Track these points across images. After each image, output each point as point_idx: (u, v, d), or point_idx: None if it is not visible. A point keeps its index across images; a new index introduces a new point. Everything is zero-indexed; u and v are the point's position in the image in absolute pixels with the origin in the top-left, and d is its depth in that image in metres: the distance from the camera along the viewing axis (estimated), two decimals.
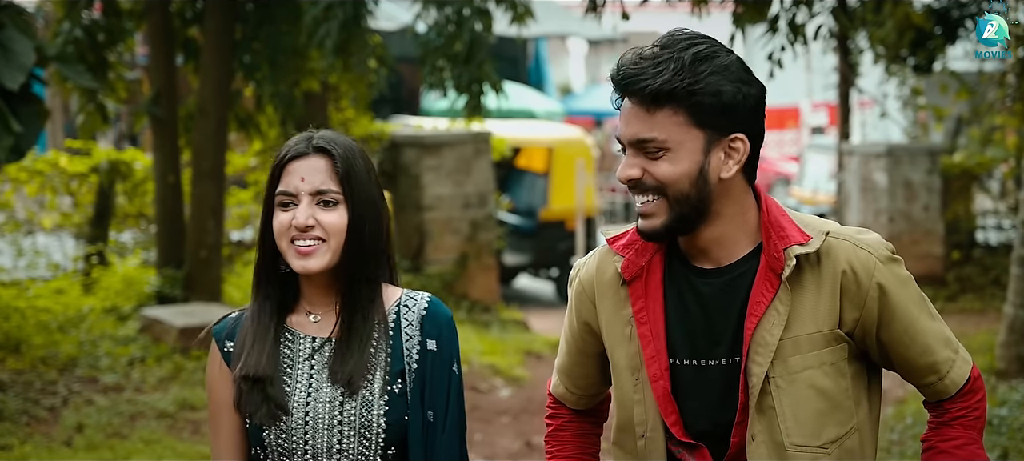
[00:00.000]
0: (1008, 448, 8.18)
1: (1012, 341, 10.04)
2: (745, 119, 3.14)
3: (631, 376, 3.29)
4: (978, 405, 3.28)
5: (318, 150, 3.32)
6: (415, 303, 3.39)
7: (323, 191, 3.29)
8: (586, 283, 3.40)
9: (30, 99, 9.28)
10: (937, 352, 3.23)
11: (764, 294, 3.15)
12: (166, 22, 12.17)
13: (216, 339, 3.43)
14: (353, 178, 3.31)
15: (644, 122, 3.10)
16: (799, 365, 3.15)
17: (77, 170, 14.07)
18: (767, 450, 3.16)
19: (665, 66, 3.07)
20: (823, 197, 20.87)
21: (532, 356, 13.08)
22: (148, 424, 9.44)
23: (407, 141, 15.28)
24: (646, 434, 3.28)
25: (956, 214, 16.05)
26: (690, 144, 3.10)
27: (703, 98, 3.07)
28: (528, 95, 27.06)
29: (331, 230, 3.28)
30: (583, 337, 3.46)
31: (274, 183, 3.34)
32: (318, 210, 3.29)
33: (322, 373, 3.33)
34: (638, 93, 3.09)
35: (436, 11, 12.11)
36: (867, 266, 3.17)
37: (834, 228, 3.23)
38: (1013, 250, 10.13)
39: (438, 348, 3.36)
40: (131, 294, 12.19)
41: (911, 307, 3.21)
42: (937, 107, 17.73)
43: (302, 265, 3.29)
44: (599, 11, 11.38)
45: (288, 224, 3.29)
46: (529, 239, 17.90)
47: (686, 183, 3.10)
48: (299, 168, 3.31)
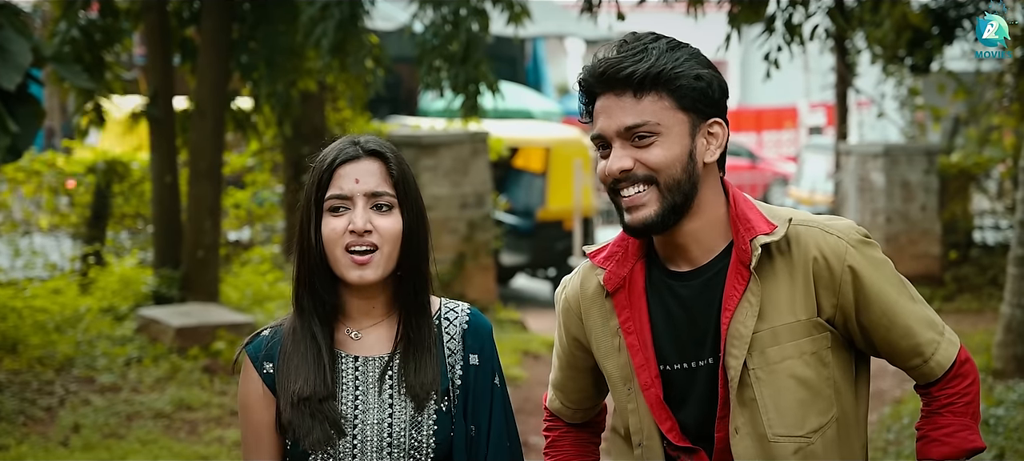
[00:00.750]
0: (1005, 448, 8.18)
1: (1009, 341, 10.04)
2: (720, 103, 3.18)
3: (623, 386, 3.30)
4: (968, 390, 3.24)
5: (370, 153, 3.19)
6: (456, 316, 3.30)
7: (379, 194, 3.15)
8: (572, 300, 3.40)
9: (27, 99, 9.27)
10: (919, 334, 3.21)
11: (736, 287, 3.16)
12: (163, 22, 12.16)
13: (252, 360, 3.24)
14: (408, 181, 3.21)
15: (631, 109, 3.11)
16: (777, 356, 3.15)
17: (74, 170, 14.07)
18: (751, 442, 3.16)
19: (646, 52, 3.10)
20: (821, 197, 20.88)
21: (529, 356, 13.07)
22: (145, 424, 9.44)
23: (404, 141, 15.27)
24: (643, 442, 3.28)
25: (953, 214, 16.07)
26: (678, 128, 3.12)
27: (686, 81, 3.10)
28: (525, 95, 27.07)
29: (387, 235, 3.14)
30: (573, 353, 3.46)
31: (322, 188, 3.16)
32: (373, 214, 3.14)
33: (368, 393, 3.20)
34: (623, 80, 3.11)
35: (433, 11, 12.11)
36: (837, 251, 3.16)
37: (800, 216, 3.23)
38: (1010, 250, 10.13)
39: (480, 362, 3.28)
40: (128, 294, 12.19)
41: (888, 289, 3.20)
42: (934, 107, 17.74)
43: (359, 275, 3.14)
44: (595, 11, 11.38)
45: (343, 229, 3.13)
46: (526, 239, 17.90)
47: (678, 168, 3.11)
48: (352, 171, 3.16)
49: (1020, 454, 8.12)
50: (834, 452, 3.20)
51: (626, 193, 3.15)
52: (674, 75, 3.09)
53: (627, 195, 3.14)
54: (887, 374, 10.60)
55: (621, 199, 3.16)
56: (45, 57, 9.87)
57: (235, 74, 12.53)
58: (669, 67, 3.09)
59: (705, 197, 3.17)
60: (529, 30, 14.09)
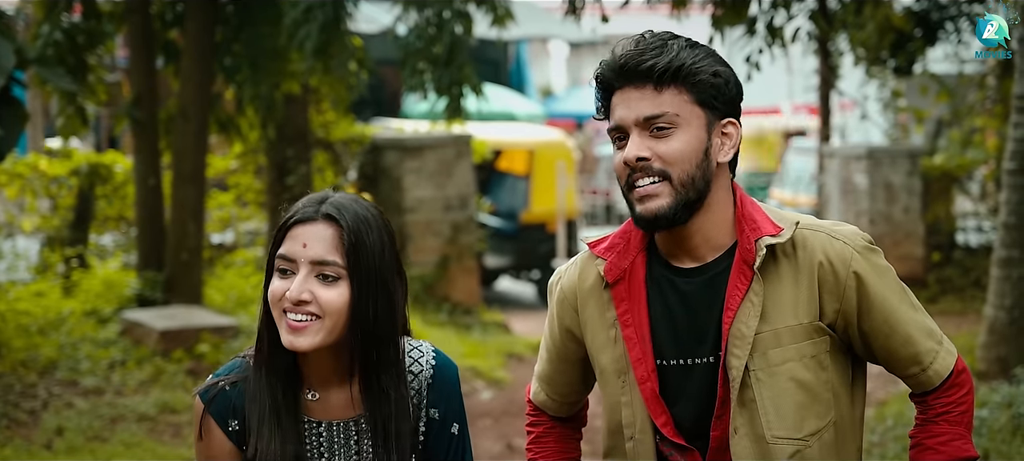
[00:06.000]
0: (989, 449, 8.19)
1: (992, 342, 10.06)
2: (734, 103, 3.19)
3: (618, 379, 3.29)
4: (964, 399, 3.26)
5: (326, 217, 3.04)
6: (420, 369, 3.20)
7: (324, 262, 3.01)
8: (568, 290, 3.39)
9: (10, 102, 9.25)
10: (919, 342, 3.23)
11: (739, 287, 3.16)
12: (146, 24, 12.14)
13: (215, 418, 3.12)
14: (361, 252, 3.02)
15: (652, 100, 3.11)
16: (779, 358, 3.16)
17: (57, 173, 14.04)
18: (749, 443, 3.16)
19: (666, 47, 3.12)
20: (804, 199, 20.91)
21: (513, 358, 13.08)
22: (129, 427, 9.42)
23: (388, 143, 15.28)
24: (635, 436, 3.27)
25: (936, 216, 16.10)
26: (696, 122, 3.13)
27: (705, 77, 3.12)
28: (509, 97, 27.08)
29: (328, 308, 3.00)
30: (565, 344, 3.45)
31: (276, 245, 3.06)
32: (316, 284, 3.01)
33: (326, 457, 3.14)
34: (644, 73, 3.11)
35: (416, 14, 12.10)
36: (843, 257, 3.18)
37: (807, 220, 3.24)
38: (994, 252, 10.16)
39: (441, 415, 3.21)
40: (111, 297, 12.16)
41: (890, 296, 3.23)
42: (917, 109, 17.78)
43: (290, 341, 3.01)
44: (579, 14, 11.41)
45: (281, 293, 3.02)
46: (510, 241, 17.91)
47: (693, 163, 3.12)
48: (302, 233, 3.03)
49: (1005, 455, 8.13)
50: (831, 455, 3.21)
51: (640, 184, 3.14)
52: (694, 70, 3.11)
53: (640, 186, 3.14)
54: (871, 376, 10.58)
55: (634, 191, 3.15)
56: (28, 59, 9.85)
57: (219, 76, 12.51)
58: (689, 62, 3.11)
59: (716, 196, 3.18)
60: (512, 33, 14.11)
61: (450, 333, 13.28)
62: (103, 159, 14.39)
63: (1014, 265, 9.88)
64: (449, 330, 13.45)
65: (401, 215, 14.72)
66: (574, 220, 18.18)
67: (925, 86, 16.29)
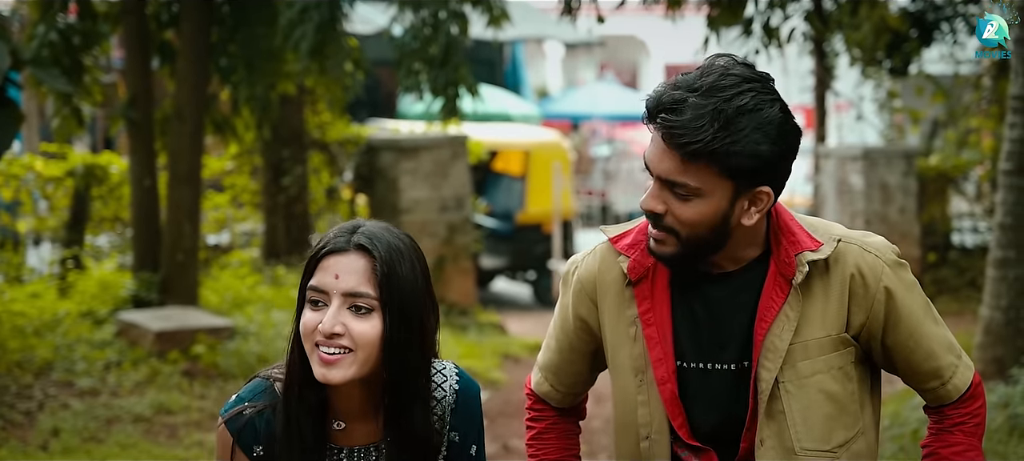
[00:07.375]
0: (985, 450, 8.19)
1: (988, 343, 10.05)
2: (775, 173, 3.09)
3: (635, 377, 3.27)
4: (979, 411, 3.30)
5: (358, 247, 2.97)
6: (443, 394, 3.16)
7: (357, 294, 2.95)
8: (586, 281, 3.35)
9: (5, 103, 9.24)
10: (941, 357, 3.24)
11: (774, 300, 3.14)
12: (142, 25, 12.12)
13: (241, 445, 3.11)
14: (394, 283, 2.96)
15: (677, 166, 3.02)
16: (808, 370, 3.15)
17: (53, 174, 14.03)
18: (776, 454, 3.16)
19: (708, 123, 2.97)
20: (800, 199, 20.90)
21: (509, 359, 13.07)
22: (124, 428, 9.41)
23: (384, 144, 15.27)
24: (651, 435, 3.26)
25: (932, 216, 16.10)
26: (719, 192, 3.04)
27: (740, 160, 3.00)
28: (505, 98, 27.05)
29: (361, 341, 2.95)
30: (578, 334, 3.41)
31: (308, 275, 3.00)
32: (349, 316, 2.95)
33: None
34: (675, 146, 3.00)
35: (412, 14, 12.10)
36: (875, 270, 3.18)
37: (843, 232, 3.22)
38: (989, 252, 10.15)
39: (461, 439, 3.19)
40: (107, 298, 12.14)
41: (917, 311, 3.23)
42: (913, 110, 17.77)
43: (323, 374, 2.96)
44: (575, 14, 11.39)
45: (313, 326, 2.96)
46: (506, 242, 17.91)
47: (706, 227, 3.06)
48: (334, 264, 2.97)
49: (1001, 456, 8.14)
50: None
51: (652, 229, 3.12)
52: (730, 153, 2.98)
53: (653, 231, 3.12)
54: None
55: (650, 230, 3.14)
56: (23, 60, 9.83)
57: (214, 77, 12.49)
58: (725, 145, 2.97)
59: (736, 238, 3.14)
60: (508, 33, 14.12)
61: (446, 334, 13.25)
62: (99, 160, 14.37)
63: (1010, 266, 9.87)
64: (445, 331, 13.36)
65: (396, 216, 14.71)
66: (570, 221, 18.17)
67: (921, 87, 16.29)
